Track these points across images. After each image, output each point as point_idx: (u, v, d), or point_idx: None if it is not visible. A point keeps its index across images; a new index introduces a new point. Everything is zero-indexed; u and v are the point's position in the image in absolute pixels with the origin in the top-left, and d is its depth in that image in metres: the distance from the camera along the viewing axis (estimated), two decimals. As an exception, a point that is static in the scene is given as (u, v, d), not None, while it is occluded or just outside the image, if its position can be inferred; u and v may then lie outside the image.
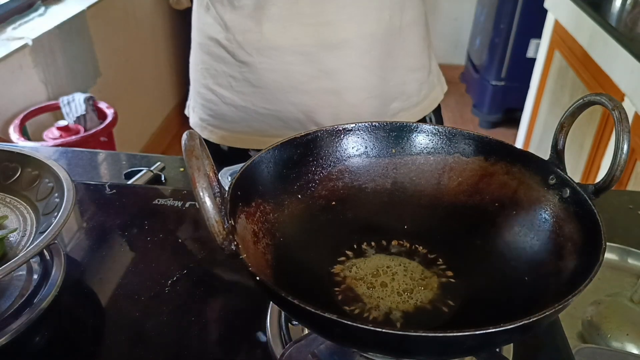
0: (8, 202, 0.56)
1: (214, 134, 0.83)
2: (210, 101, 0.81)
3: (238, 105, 0.79)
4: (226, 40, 0.74)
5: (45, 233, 0.46)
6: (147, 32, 2.37)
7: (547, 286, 0.40)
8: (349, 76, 0.75)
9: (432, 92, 0.87)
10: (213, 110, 0.82)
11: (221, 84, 0.79)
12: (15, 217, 0.54)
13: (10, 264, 0.43)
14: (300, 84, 0.75)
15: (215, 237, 0.33)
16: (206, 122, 0.84)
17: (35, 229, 0.53)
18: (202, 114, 0.84)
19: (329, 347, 0.43)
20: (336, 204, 0.50)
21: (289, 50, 0.72)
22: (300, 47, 0.72)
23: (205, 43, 0.78)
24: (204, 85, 0.81)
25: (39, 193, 0.55)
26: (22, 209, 0.55)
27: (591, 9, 1.57)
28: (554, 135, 0.47)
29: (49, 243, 0.46)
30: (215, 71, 0.78)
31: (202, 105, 0.83)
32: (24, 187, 0.57)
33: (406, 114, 0.83)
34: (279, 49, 0.72)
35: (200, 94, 0.83)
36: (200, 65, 0.81)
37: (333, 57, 0.73)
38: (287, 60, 0.73)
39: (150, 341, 0.48)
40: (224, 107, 0.80)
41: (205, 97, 0.81)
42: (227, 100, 0.79)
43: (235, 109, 0.79)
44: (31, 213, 0.55)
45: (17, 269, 0.44)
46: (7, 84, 1.53)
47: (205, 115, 0.83)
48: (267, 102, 0.77)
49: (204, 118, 0.84)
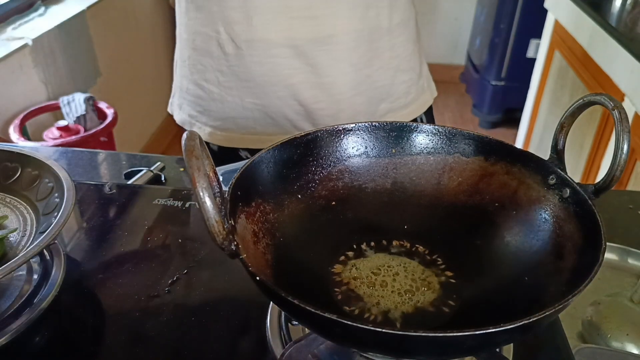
0: (8, 202, 0.56)
1: (202, 130, 0.83)
2: (199, 97, 0.81)
3: (225, 100, 0.79)
4: (214, 32, 0.74)
5: (45, 233, 0.46)
6: (147, 32, 2.37)
7: (547, 286, 0.40)
8: (335, 71, 0.75)
9: (422, 95, 0.88)
10: (202, 106, 0.82)
11: (208, 79, 0.79)
12: (15, 217, 0.54)
13: (10, 264, 0.43)
14: (287, 77, 0.75)
15: (215, 237, 0.33)
16: (195, 118, 0.84)
17: (35, 229, 0.53)
18: (191, 111, 0.84)
19: (329, 347, 0.43)
20: (336, 204, 0.50)
21: (277, 44, 0.73)
22: (287, 40, 0.72)
23: (192, 38, 0.78)
24: (192, 81, 0.81)
25: (39, 193, 0.55)
26: (22, 209, 0.55)
27: (591, 9, 1.57)
28: (554, 135, 0.47)
29: (49, 243, 0.46)
30: (203, 66, 0.78)
31: (190, 102, 0.83)
32: (24, 187, 0.56)
33: (394, 115, 0.83)
34: (267, 42, 0.73)
35: (188, 90, 0.83)
36: (187, 62, 0.81)
37: (321, 51, 0.74)
38: (274, 53, 0.73)
39: (150, 341, 0.48)
40: (212, 103, 0.80)
41: (194, 93, 0.82)
42: (215, 95, 0.79)
43: (222, 105, 0.80)
44: (31, 213, 0.55)
45: (17, 269, 0.44)
46: (7, 84, 1.53)
47: (194, 112, 0.83)
48: (254, 96, 0.77)
49: (192, 114, 0.84)
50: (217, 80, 0.78)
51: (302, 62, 0.74)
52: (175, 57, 0.86)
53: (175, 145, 2.55)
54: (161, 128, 2.51)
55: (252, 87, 0.76)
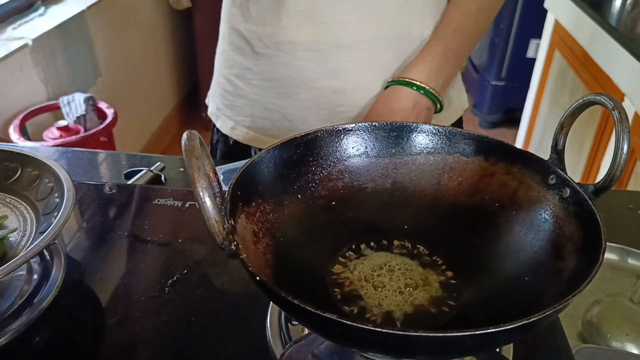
0: (8, 202, 0.56)
1: (226, 124, 0.85)
2: (227, 91, 0.83)
3: (249, 97, 0.80)
4: (247, 31, 0.76)
5: (45, 233, 0.46)
6: (147, 32, 2.37)
7: (547, 286, 0.40)
8: (356, 77, 0.75)
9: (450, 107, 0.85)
10: (228, 100, 0.83)
11: (237, 75, 0.80)
12: (15, 217, 0.54)
13: (10, 264, 0.43)
14: (310, 80, 0.75)
15: (215, 237, 0.33)
16: (221, 111, 0.86)
17: (35, 229, 0.53)
18: (219, 103, 0.86)
19: (329, 347, 0.43)
20: (336, 204, 0.50)
21: (303, 47, 0.73)
22: (314, 44, 0.73)
23: (229, 33, 0.80)
24: (223, 75, 0.83)
25: (39, 193, 0.55)
26: (22, 209, 0.55)
27: (591, 9, 1.57)
28: (554, 135, 0.47)
29: (49, 243, 0.46)
30: (234, 61, 0.80)
31: (219, 95, 0.85)
32: (24, 187, 0.56)
33: None
34: (294, 45, 0.73)
35: (219, 83, 0.85)
36: (221, 55, 0.83)
37: (344, 57, 0.74)
38: (300, 56, 0.74)
39: (150, 341, 0.48)
40: (238, 99, 0.82)
41: (223, 86, 0.84)
42: (241, 91, 0.81)
43: (245, 101, 0.81)
44: (31, 213, 0.55)
45: (17, 269, 0.44)
46: (7, 84, 1.53)
47: (222, 105, 0.85)
48: (277, 96, 0.78)
49: (219, 107, 0.86)
50: (245, 77, 0.79)
51: (325, 66, 0.74)
52: (216, 51, 0.88)
53: (175, 145, 2.55)
54: (161, 128, 2.51)
55: (276, 88, 0.77)
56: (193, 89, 2.77)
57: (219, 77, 0.85)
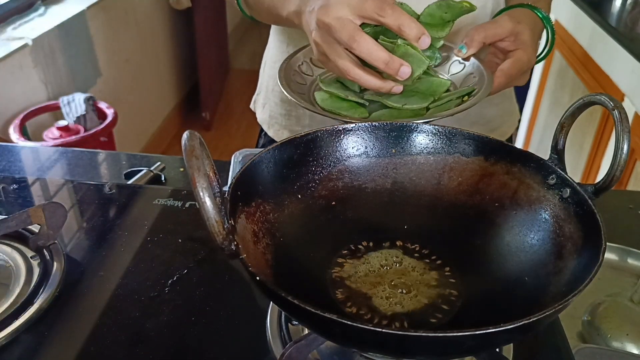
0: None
1: (279, 133, 0.84)
2: (284, 100, 0.82)
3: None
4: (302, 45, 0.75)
5: None
6: (147, 32, 2.37)
7: (547, 286, 0.40)
8: None
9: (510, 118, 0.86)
10: (285, 110, 0.82)
11: None
12: None
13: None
14: None
15: (215, 237, 0.33)
16: (275, 119, 0.85)
17: None
18: (274, 112, 0.85)
19: (329, 347, 0.43)
20: (336, 204, 0.50)
21: None
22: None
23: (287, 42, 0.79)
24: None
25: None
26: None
27: (591, 9, 1.57)
28: (554, 135, 0.47)
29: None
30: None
31: (275, 103, 0.84)
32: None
33: None
34: None
35: (274, 91, 0.83)
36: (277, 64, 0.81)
37: None
38: None
39: (150, 341, 0.48)
40: (295, 108, 0.81)
41: (280, 95, 0.82)
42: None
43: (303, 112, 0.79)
44: None
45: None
46: (7, 84, 1.53)
47: (276, 113, 0.84)
48: None
49: (273, 115, 0.85)
50: None
51: None
52: (265, 57, 0.86)
53: (175, 145, 2.55)
54: (161, 128, 2.51)
55: None
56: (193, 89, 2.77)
57: (274, 86, 0.83)
